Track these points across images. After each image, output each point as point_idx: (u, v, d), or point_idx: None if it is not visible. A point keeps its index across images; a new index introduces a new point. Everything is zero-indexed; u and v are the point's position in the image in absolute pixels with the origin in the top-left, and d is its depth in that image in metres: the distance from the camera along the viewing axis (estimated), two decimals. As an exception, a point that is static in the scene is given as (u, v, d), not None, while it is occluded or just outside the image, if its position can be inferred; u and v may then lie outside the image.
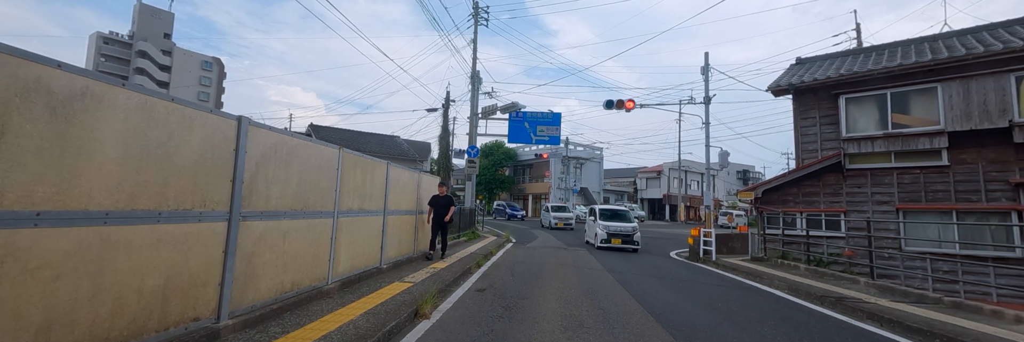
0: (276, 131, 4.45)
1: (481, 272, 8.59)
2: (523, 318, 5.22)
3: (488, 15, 20.56)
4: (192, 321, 3.39)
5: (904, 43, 11.62)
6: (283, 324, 4.15)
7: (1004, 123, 8.62)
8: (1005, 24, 10.26)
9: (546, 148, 38.23)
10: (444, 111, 21.81)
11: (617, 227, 14.64)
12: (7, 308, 2.23)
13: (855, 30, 21.32)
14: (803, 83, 11.37)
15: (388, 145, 33.44)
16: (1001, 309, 5.77)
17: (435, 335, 4.42)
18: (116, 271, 2.77)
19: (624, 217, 15.63)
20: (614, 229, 14.57)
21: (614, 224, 14.77)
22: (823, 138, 11.34)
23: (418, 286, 6.30)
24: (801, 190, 11.45)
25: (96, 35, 57.18)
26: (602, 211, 15.85)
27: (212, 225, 3.55)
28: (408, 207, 8.55)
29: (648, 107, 19.86)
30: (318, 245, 5.27)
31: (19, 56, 2.24)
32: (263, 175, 4.19)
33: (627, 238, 14.46)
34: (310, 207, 5.04)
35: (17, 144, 2.24)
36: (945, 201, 9.47)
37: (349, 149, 6.03)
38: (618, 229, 14.57)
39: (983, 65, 9.01)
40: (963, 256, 8.99)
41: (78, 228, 2.54)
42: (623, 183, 52.34)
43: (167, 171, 3.11)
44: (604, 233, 14.54)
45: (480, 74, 19.99)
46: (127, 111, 2.80)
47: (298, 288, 4.87)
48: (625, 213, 16.04)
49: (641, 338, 4.62)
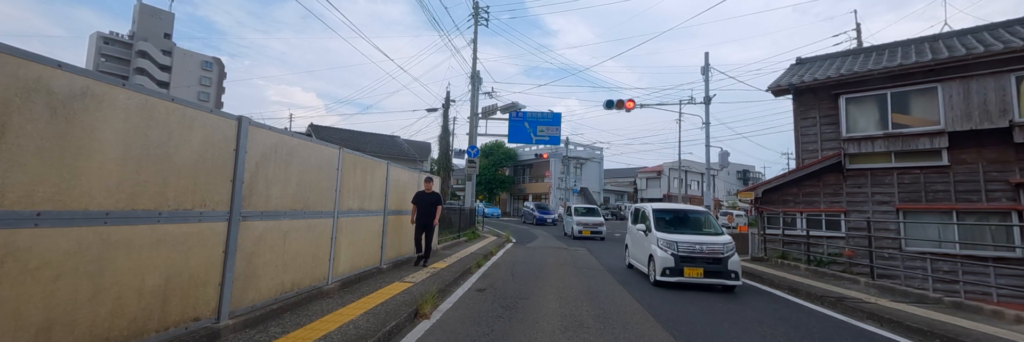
0: (276, 131, 4.45)
1: (481, 272, 8.59)
2: (523, 318, 5.22)
3: (488, 15, 20.56)
4: (192, 321, 3.39)
5: (904, 43, 11.61)
6: (283, 324, 4.15)
7: (1004, 123, 8.61)
8: (1005, 24, 10.25)
9: (546, 148, 38.20)
10: (444, 111, 21.80)
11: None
12: (7, 308, 2.22)
13: (855, 30, 21.31)
14: (803, 83, 11.37)
15: (388, 145, 33.44)
16: (1001, 309, 5.77)
17: (435, 335, 4.42)
18: (116, 271, 2.77)
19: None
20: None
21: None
22: (823, 138, 11.34)
23: (418, 286, 6.30)
24: (801, 190, 11.44)
25: (96, 35, 57.18)
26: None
27: (212, 225, 3.55)
28: (409, 207, 8.55)
29: (648, 107, 19.87)
30: (318, 245, 5.27)
31: (19, 56, 2.24)
32: (263, 175, 4.19)
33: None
34: (310, 207, 5.04)
35: (17, 144, 2.24)
36: (945, 201, 9.47)
37: (349, 149, 6.03)
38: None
39: (983, 65, 9.00)
40: (963, 256, 8.99)
41: (78, 228, 2.54)
42: (623, 183, 52.34)
43: (167, 171, 3.11)
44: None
45: (480, 74, 20.00)
46: (127, 111, 2.80)
47: (298, 288, 4.87)
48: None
49: (641, 338, 4.62)
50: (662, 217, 8.75)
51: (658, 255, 7.76)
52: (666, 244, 7.80)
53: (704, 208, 9.81)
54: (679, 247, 7.65)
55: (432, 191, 8.26)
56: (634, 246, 9.64)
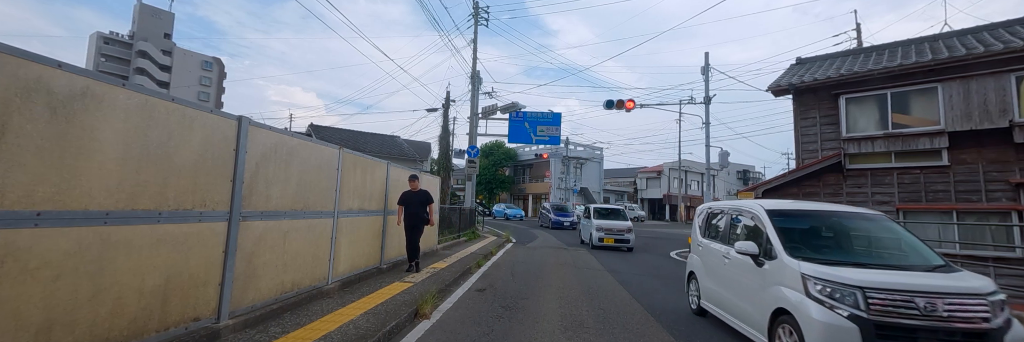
0: (276, 131, 4.46)
1: (481, 272, 8.59)
2: (523, 318, 5.22)
3: (488, 15, 20.56)
4: (192, 321, 3.39)
5: (904, 43, 11.61)
6: (283, 324, 4.15)
7: (1004, 123, 8.62)
8: (1005, 24, 10.25)
9: (546, 148, 38.23)
10: (444, 111, 21.83)
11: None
12: (7, 308, 2.23)
13: (855, 30, 21.31)
14: (803, 83, 11.37)
15: (388, 145, 33.45)
16: (1001, 309, 5.75)
17: (435, 335, 4.42)
18: (116, 271, 2.77)
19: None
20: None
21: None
22: (823, 138, 11.34)
23: (418, 286, 6.30)
24: (801, 190, 11.44)
25: (96, 35, 57.20)
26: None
27: (212, 225, 3.55)
28: (408, 207, 8.54)
29: (648, 107, 19.88)
30: (318, 245, 5.27)
31: (19, 56, 2.24)
32: (263, 175, 4.19)
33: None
34: (310, 207, 5.04)
35: (17, 144, 2.24)
36: (945, 201, 9.47)
37: (349, 149, 6.03)
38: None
39: (983, 65, 9.00)
40: (963, 256, 8.98)
41: (78, 228, 2.54)
42: (623, 183, 52.35)
43: (167, 171, 3.11)
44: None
45: (480, 74, 20.00)
46: (127, 111, 2.80)
47: (298, 288, 4.87)
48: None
49: (641, 338, 4.62)
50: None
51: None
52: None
53: (877, 212, 4.88)
54: (868, 298, 3.33)
55: (420, 190, 7.55)
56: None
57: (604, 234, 14.36)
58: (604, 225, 14.55)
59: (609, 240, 14.26)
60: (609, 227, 14.52)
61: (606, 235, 14.33)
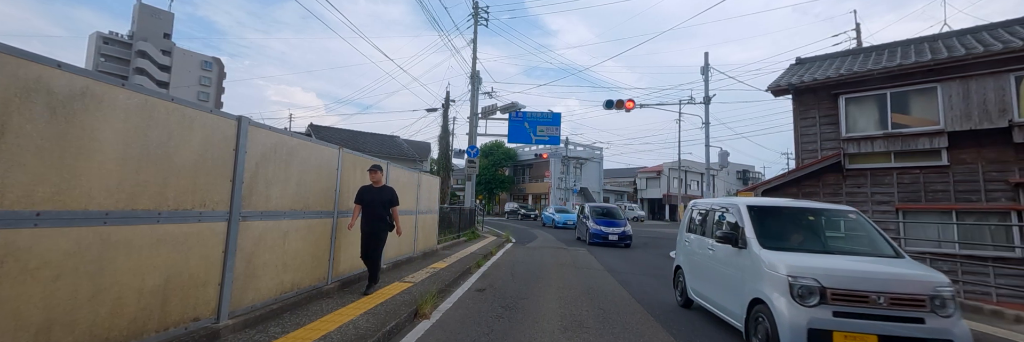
0: (276, 131, 4.46)
1: (481, 272, 8.59)
2: (523, 318, 5.22)
3: (488, 15, 20.57)
4: (192, 321, 3.39)
5: (904, 43, 11.62)
6: (283, 324, 4.15)
7: (1004, 123, 8.62)
8: (1005, 24, 10.26)
9: (546, 148, 38.22)
10: (444, 111, 21.83)
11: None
12: (7, 308, 2.22)
13: (855, 30, 21.31)
14: (803, 83, 11.37)
15: (388, 145, 33.43)
16: (1001, 309, 5.78)
17: (435, 335, 4.42)
18: (116, 271, 2.77)
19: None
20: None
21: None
22: (823, 138, 11.34)
23: (418, 286, 6.30)
24: (801, 190, 11.44)
25: (96, 35, 57.17)
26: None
27: (212, 225, 3.55)
28: (408, 207, 8.53)
29: (648, 107, 19.89)
30: (318, 245, 5.27)
31: (19, 56, 2.24)
32: (263, 175, 4.19)
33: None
34: (310, 207, 5.04)
35: (17, 144, 2.24)
36: (945, 201, 9.47)
37: (349, 149, 6.03)
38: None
39: (983, 65, 9.01)
40: (963, 256, 8.99)
41: (78, 228, 2.54)
42: (623, 183, 52.34)
43: (167, 171, 3.11)
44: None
45: (480, 74, 20.01)
46: (127, 111, 2.80)
47: (298, 288, 4.87)
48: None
49: (641, 338, 4.62)
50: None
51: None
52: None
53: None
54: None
55: (383, 185, 5.96)
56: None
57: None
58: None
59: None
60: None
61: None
